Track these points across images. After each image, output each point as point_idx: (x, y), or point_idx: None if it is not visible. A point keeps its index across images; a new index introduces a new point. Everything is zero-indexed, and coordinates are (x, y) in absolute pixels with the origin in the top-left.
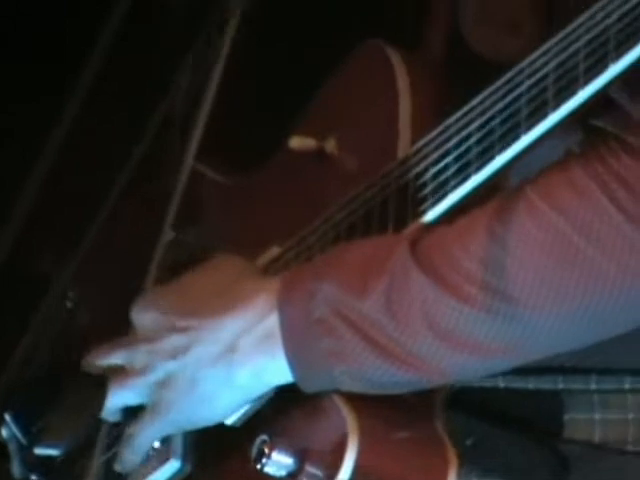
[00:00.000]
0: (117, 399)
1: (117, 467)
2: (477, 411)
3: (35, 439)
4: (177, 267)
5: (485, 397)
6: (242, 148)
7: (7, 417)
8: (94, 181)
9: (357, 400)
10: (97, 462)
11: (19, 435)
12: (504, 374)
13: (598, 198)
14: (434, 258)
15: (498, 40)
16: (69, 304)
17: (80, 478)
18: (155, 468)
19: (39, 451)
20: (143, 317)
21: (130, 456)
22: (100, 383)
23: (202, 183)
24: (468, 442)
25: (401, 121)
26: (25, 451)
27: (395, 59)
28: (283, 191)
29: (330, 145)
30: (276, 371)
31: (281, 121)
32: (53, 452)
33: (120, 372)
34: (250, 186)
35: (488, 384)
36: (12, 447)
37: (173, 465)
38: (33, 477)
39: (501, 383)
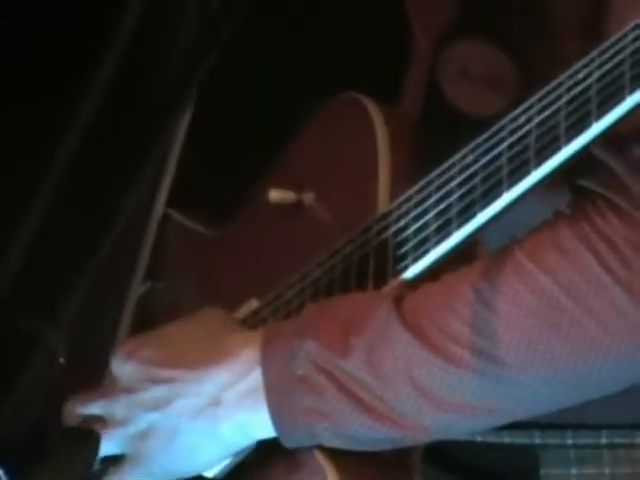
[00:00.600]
0: None
1: None
2: (453, 465)
3: None
4: (153, 317)
5: (461, 451)
6: (217, 196)
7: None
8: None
9: (338, 457)
10: None
11: None
12: None
13: (585, 259)
14: (419, 317)
15: (478, 96)
16: (61, 360)
17: None
18: None
19: None
20: (123, 367)
21: None
22: (90, 436)
23: (178, 232)
24: None
25: (381, 175)
26: None
27: (373, 111)
28: (259, 242)
29: (308, 198)
30: (260, 426)
31: (256, 169)
32: None
33: (99, 422)
34: (226, 235)
35: (464, 438)
36: None
37: None
38: None
39: (478, 437)
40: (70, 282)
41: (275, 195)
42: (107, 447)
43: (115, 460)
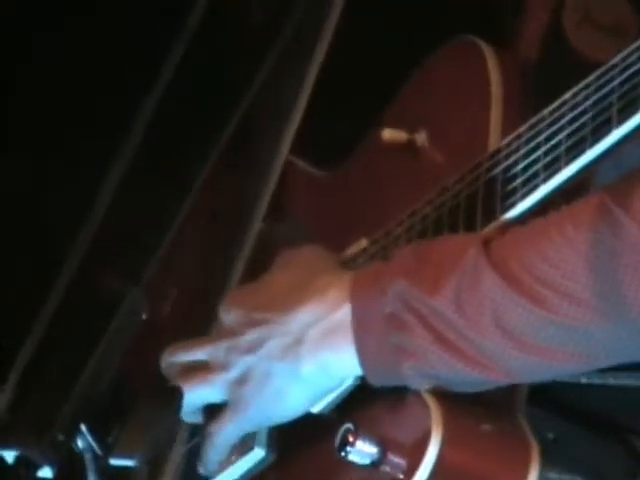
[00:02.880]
0: (199, 396)
1: (201, 469)
2: (557, 406)
3: (111, 449)
4: (269, 255)
5: (567, 392)
6: (332, 140)
7: (83, 427)
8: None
9: (441, 393)
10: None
11: (95, 445)
12: None
13: None
14: (506, 257)
15: (601, 42)
16: (144, 315)
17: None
18: (239, 457)
19: (115, 461)
20: (227, 315)
21: (213, 456)
22: (175, 392)
23: (294, 174)
24: (550, 436)
25: (493, 115)
26: (101, 461)
27: (488, 54)
28: (372, 182)
29: (421, 138)
30: (341, 364)
31: (371, 113)
32: (129, 462)
33: (200, 369)
34: (341, 176)
35: (569, 379)
36: (88, 457)
37: (257, 454)
38: None
39: (583, 379)
40: (151, 242)
41: (387, 134)
42: (210, 394)
43: (214, 411)
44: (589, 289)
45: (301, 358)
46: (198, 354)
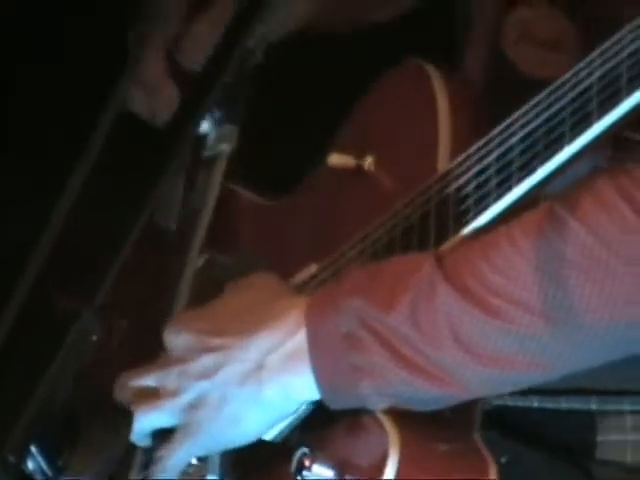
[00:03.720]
0: (149, 421)
1: None
2: (511, 430)
3: (61, 471)
4: (213, 288)
5: (519, 416)
6: (280, 168)
7: (33, 449)
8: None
9: (398, 414)
10: None
11: (45, 467)
12: (537, 393)
13: (620, 208)
14: (460, 271)
15: (541, 58)
16: (94, 337)
17: None
18: None
19: None
20: (176, 339)
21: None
22: (126, 414)
23: (239, 204)
24: (503, 460)
25: (440, 140)
26: None
27: (435, 78)
28: (321, 209)
29: (368, 162)
30: (303, 388)
31: (319, 139)
32: None
33: (152, 395)
34: (288, 205)
35: (522, 403)
36: (38, 479)
37: None
38: None
39: (535, 402)
40: (104, 262)
41: (335, 160)
42: (159, 419)
43: (166, 435)
44: (541, 297)
45: (263, 383)
46: (149, 379)
